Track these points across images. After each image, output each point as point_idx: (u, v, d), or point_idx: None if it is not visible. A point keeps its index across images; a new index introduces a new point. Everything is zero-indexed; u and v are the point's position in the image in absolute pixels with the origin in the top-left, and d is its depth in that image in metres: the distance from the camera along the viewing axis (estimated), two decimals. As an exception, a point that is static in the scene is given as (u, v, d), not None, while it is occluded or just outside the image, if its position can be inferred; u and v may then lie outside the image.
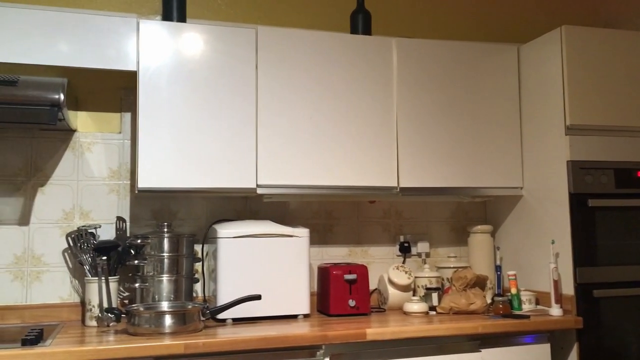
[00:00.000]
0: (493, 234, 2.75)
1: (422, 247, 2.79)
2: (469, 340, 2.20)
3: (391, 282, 2.53)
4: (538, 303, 2.46)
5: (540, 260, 2.49)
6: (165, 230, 2.34)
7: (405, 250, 2.77)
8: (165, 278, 2.29)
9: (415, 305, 2.38)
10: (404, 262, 2.77)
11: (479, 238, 2.69)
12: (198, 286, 2.49)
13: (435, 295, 2.45)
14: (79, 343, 1.86)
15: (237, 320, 2.24)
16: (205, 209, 2.56)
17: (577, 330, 2.29)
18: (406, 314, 2.40)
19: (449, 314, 2.39)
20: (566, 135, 2.38)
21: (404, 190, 2.46)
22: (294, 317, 2.33)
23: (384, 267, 2.74)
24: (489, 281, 2.59)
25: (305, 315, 2.35)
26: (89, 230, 2.31)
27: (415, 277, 2.57)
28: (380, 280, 2.62)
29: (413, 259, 2.80)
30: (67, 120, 2.20)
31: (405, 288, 2.53)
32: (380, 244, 2.77)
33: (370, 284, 2.66)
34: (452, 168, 2.52)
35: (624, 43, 2.47)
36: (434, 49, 2.54)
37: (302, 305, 2.33)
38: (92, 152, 2.44)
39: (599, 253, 2.34)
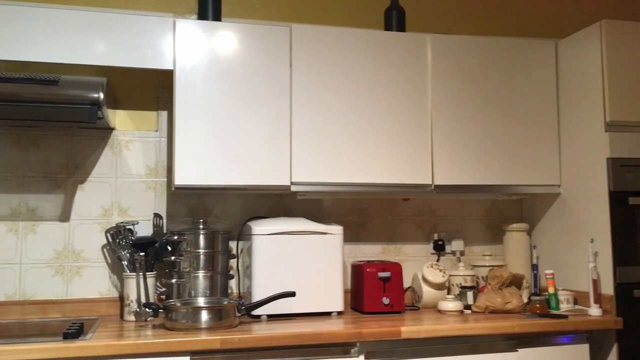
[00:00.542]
0: (529, 232, 2.71)
1: (457, 245, 2.77)
2: (505, 339, 2.17)
3: (425, 280, 2.51)
4: (576, 303, 2.41)
5: (578, 259, 2.44)
6: (201, 227, 2.37)
7: (439, 249, 2.75)
8: (201, 274, 2.32)
9: (450, 304, 2.37)
10: (438, 260, 2.75)
11: (515, 236, 2.66)
12: (233, 282, 2.51)
13: (470, 294, 2.43)
14: (118, 337, 1.89)
15: (272, 317, 2.26)
16: (240, 206, 2.58)
17: (617, 331, 2.24)
18: (441, 312, 2.38)
19: (484, 313, 2.36)
20: (606, 131, 2.33)
21: (439, 187, 2.44)
22: (328, 315, 2.33)
23: (417, 265, 2.72)
24: (525, 280, 2.55)
25: (339, 313, 2.35)
26: (127, 227, 2.36)
27: (450, 276, 2.55)
28: (414, 278, 2.60)
29: (447, 257, 2.78)
30: (106, 119, 2.24)
31: (439, 286, 2.51)
32: (414, 241, 2.76)
33: (404, 282, 2.65)
34: (488, 165, 2.49)
35: (667, 37, 2.41)
36: (469, 45, 2.52)
37: (336, 302, 2.33)
38: (130, 150, 2.49)
39: (639, 252, 2.29)
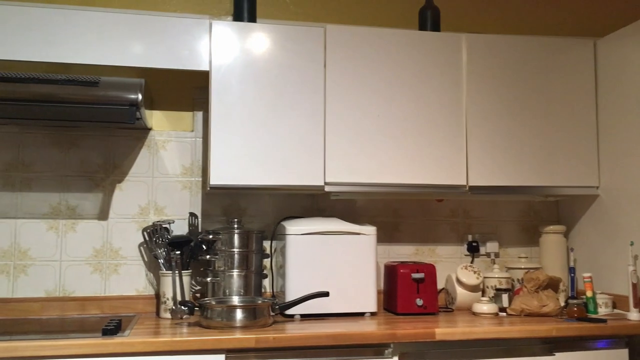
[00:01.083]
0: (566, 235, 2.66)
1: (491, 247, 2.74)
2: (542, 343, 2.14)
3: (459, 282, 2.49)
4: (615, 307, 2.37)
5: (617, 262, 2.39)
6: (235, 226, 2.40)
7: (473, 250, 2.72)
8: (235, 273, 2.34)
9: (485, 306, 2.34)
10: (472, 262, 2.72)
11: (552, 238, 2.61)
12: (266, 282, 2.53)
13: (505, 297, 2.40)
14: (155, 334, 1.93)
15: (305, 317, 2.27)
16: (273, 206, 2.60)
17: (658, 337, 2.19)
18: (475, 314, 2.36)
19: (520, 315, 2.33)
20: (647, 132, 2.28)
21: (473, 189, 2.42)
22: (361, 315, 2.33)
23: (451, 267, 2.70)
24: (562, 283, 2.51)
25: (372, 313, 2.35)
26: (164, 226, 2.39)
27: (484, 278, 2.53)
28: (448, 279, 2.58)
29: (481, 258, 2.75)
30: (144, 119, 2.28)
31: (474, 288, 2.48)
32: (448, 243, 2.74)
33: (438, 284, 2.63)
34: (524, 166, 2.45)
35: None
36: (505, 44, 2.48)
37: (369, 303, 2.33)
38: (166, 150, 2.53)
39: (682, 256, 2.24)
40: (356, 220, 2.49)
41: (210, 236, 2.36)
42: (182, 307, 2.14)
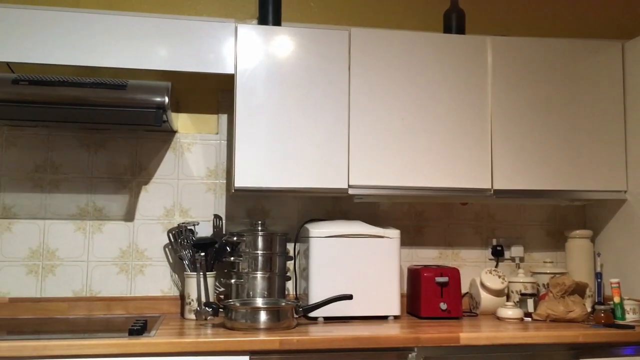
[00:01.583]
0: (593, 240, 2.63)
1: (516, 251, 2.71)
2: (568, 349, 2.11)
3: (484, 286, 2.47)
4: (643, 313, 2.33)
5: (645, 268, 2.36)
6: (259, 228, 2.41)
7: (498, 254, 2.70)
8: (259, 275, 2.36)
9: (510, 311, 2.32)
10: (497, 266, 2.70)
11: (578, 243, 2.58)
12: (289, 284, 2.54)
13: (530, 302, 2.37)
14: (180, 335, 1.95)
15: (328, 319, 2.27)
16: (297, 208, 2.60)
17: (688, 344, 2.15)
18: (500, 319, 2.34)
19: (545, 321, 2.31)
20: (677, 136, 2.24)
21: (498, 192, 2.40)
22: (384, 318, 2.33)
23: (475, 271, 2.68)
24: (589, 289, 2.48)
25: (396, 317, 2.34)
26: (188, 227, 2.42)
27: (509, 282, 2.50)
28: (472, 283, 2.57)
29: (506, 263, 2.73)
30: (170, 122, 2.30)
31: (498, 293, 2.46)
32: (472, 246, 2.72)
33: (462, 288, 2.61)
34: (550, 170, 2.43)
35: None
36: (531, 46, 2.46)
37: (393, 306, 2.32)
38: (191, 152, 2.55)
39: None
40: (379, 223, 2.49)
41: (235, 238, 2.37)
42: (207, 308, 2.15)
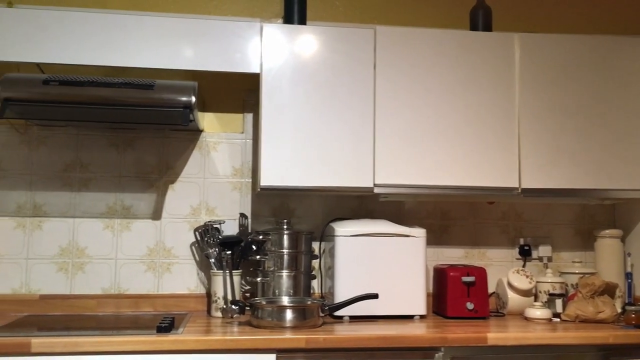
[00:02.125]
0: (623, 239, 2.58)
1: (544, 251, 2.68)
2: (597, 350, 2.08)
3: (511, 286, 2.45)
4: (675, 315, 2.28)
5: (678, 268, 2.31)
6: (285, 227, 2.42)
7: (525, 254, 2.67)
8: (284, 273, 2.36)
9: (538, 311, 2.29)
10: (524, 266, 2.67)
11: (608, 243, 2.54)
12: (315, 282, 2.54)
13: (559, 302, 2.34)
14: (207, 333, 1.96)
15: (354, 318, 2.27)
16: (322, 207, 2.61)
17: None
18: (527, 319, 2.31)
19: (574, 322, 2.27)
20: None
21: (526, 191, 2.37)
22: (410, 318, 2.32)
23: (502, 271, 2.65)
24: (619, 289, 2.43)
25: (422, 316, 2.33)
26: (215, 226, 2.43)
27: (537, 282, 2.47)
28: (499, 283, 2.54)
29: (533, 262, 2.69)
30: (196, 121, 2.32)
31: (526, 293, 2.43)
32: (499, 246, 2.69)
33: (488, 288, 2.58)
34: (579, 169, 2.39)
35: None
36: (559, 43, 2.43)
37: (419, 305, 2.31)
38: (217, 151, 2.57)
39: None
40: (405, 222, 2.48)
41: (260, 237, 2.38)
42: (233, 307, 2.16)
